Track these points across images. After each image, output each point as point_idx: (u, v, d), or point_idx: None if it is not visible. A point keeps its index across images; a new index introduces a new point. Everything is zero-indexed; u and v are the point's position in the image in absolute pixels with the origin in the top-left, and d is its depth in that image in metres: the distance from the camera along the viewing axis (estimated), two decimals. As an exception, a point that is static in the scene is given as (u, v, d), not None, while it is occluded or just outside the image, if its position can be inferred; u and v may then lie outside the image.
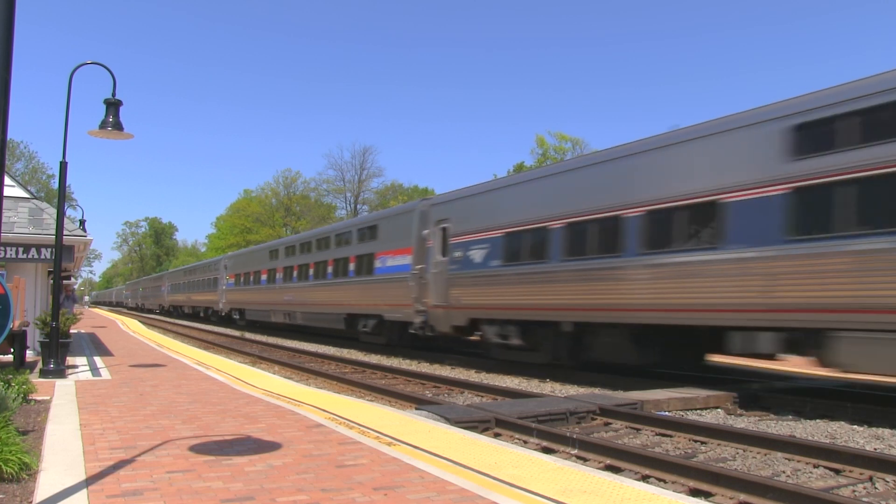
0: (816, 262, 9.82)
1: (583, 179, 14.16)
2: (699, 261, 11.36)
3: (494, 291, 16.11)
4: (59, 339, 11.99)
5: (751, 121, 11.18)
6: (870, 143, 9.41)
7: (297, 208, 76.07)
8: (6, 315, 6.17)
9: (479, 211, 17.08)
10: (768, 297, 10.34)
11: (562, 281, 14.00)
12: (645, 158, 12.81)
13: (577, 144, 43.86)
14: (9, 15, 3.82)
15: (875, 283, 9.15)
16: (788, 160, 10.32)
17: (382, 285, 21.07)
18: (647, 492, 4.88)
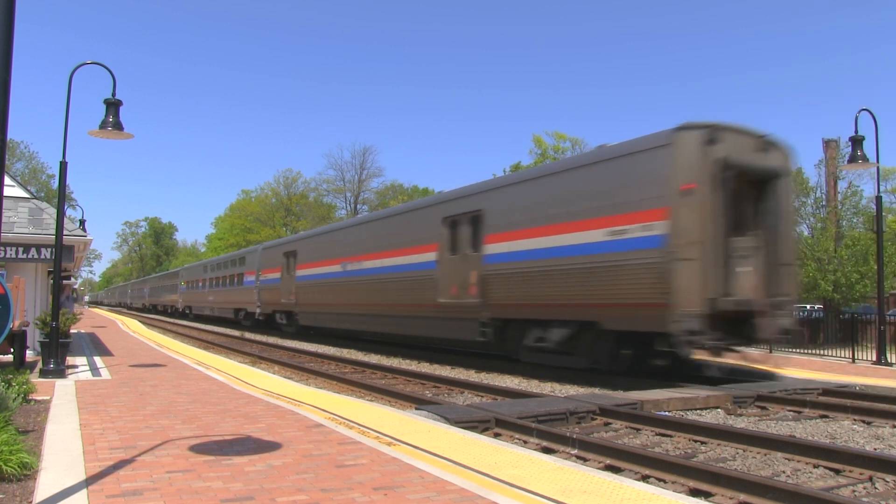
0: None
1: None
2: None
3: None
4: (59, 339, 12.00)
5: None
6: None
7: (296, 208, 76.06)
8: (6, 315, 6.17)
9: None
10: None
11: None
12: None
13: (577, 144, 43.75)
14: (9, 15, 3.82)
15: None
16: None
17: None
18: (647, 492, 4.88)
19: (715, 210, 12.26)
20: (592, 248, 13.67)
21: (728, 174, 12.37)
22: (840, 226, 30.15)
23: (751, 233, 13.17)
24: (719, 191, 12.31)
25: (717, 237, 12.29)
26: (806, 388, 11.91)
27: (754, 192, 13.24)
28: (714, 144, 12.42)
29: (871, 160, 16.40)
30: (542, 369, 15.80)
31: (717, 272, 12.28)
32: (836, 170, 29.33)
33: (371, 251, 22.29)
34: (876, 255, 19.24)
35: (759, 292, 12.86)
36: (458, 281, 17.65)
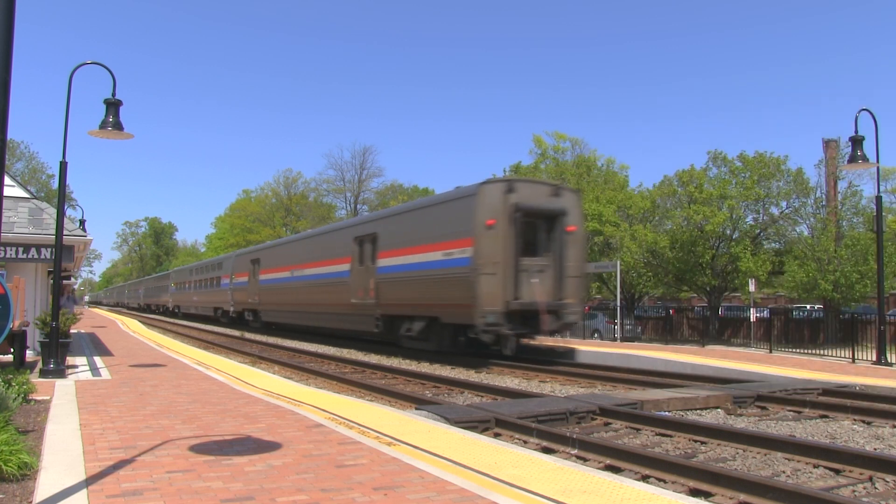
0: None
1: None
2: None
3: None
4: (59, 339, 12.00)
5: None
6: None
7: (296, 208, 76.06)
8: (6, 315, 6.17)
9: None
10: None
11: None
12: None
13: (577, 144, 43.76)
14: (9, 15, 3.82)
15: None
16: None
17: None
18: (647, 492, 4.88)
19: (509, 239, 17.20)
20: (435, 264, 18.64)
21: (519, 214, 17.34)
22: (840, 226, 30.16)
23: (543, 254, 18.15)
24: (513, 225, 17.26)
25: (511, 258, 17.21)
26: (806, 388, 11.92)
27: (546, 225, 18.21)
28: (511, 193, 17.49)
29: (871, 160, 16.41)
30: (542, 370, 16.54)
31: (510, 283, 17.21)
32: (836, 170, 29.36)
33: (309, 261, 27.51)
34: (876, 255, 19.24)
35: (545, 297, 17.60)
36: (363, 286, 22.60)
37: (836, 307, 27.49)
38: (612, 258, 31.63)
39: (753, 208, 32.05)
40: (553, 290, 18.01)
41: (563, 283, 18.12)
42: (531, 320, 17.57)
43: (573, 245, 18.52)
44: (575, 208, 18.95)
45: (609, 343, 24.77)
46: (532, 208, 17.75)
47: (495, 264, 17.20)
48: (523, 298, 17.49)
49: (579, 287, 18.94)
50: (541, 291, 17.72)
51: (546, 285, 17.97)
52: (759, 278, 29.89)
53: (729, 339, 29.03)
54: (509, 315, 17.21)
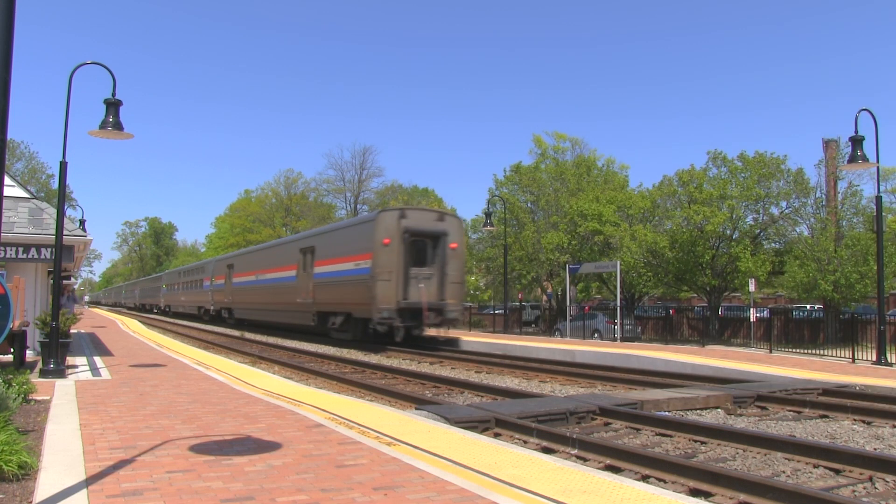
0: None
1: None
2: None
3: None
4: (59, 339, 12.00)
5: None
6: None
7: (297, 209, 76.05)
8: (6, 315, 6.17)
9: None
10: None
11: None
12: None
13: (577, 144, 43.74)
14: (9, 15, 3.81)
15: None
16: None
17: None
18: (647, 492, 4.88)
19: (401, 254, 22.60)
20: (349, 272, 24.06)
21: (408, 235, 22.79)
22: (840, 226, 30.15)
23: (429, 265, 23.39)
24: (404, 243, 22.69)
25: (402, 268, 22.57)
26: (806, 388, 11.92)
27: (432, 243, 23.55)
28: (403, 218, 22.95)
29: (871, 160, 16.40)
30: (542, 370, 16.70)
31: (400, 287, 22.52)
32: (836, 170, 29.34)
33: (268, 267, 33.17)
34: (876, 255, 19.24)
35: (429, 298, 22.88)
36: (304, 289, 27.97)
37: (836, 307, 27.47)
38: (612, 258, 31.63)
39: (753, 208, 32.04)
40: (436, 293, 23.38)
41: (445, 288, 23.49)
42: (417, 316, 22.79)
43: (454, 259, 23.87)
44: (457, 231, 24.44)
45: (609, 343, 24.80)
46: (420, 230, 23.31)
47: (390, 272, 22.49)
48: (411, 299, 22.74)
49: (459, 291, 24.35)
50: (426, 294, 23.06)
51: (430, 289, 23.31)
52: (759, 278, 29.88)
53: (729, 339, 29.02)
54: (400, 312, 22.49)
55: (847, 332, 20.77)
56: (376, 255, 22.49)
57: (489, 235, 40.62)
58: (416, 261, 23.29)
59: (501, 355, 20.91)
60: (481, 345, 24.09)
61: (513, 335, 29.98)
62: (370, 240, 22.93)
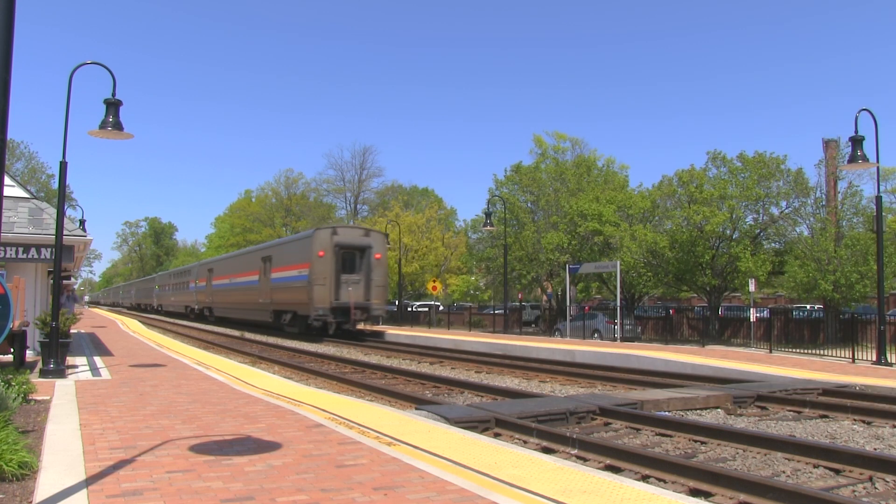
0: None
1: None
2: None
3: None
4: (58, 339, 11.99)
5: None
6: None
7: (297, 209, 76.04)
8: (6, 315, 6.16)
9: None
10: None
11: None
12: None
13: (577, 144, 43.68)
14: (9, 15, 3.81)
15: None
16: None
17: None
18: (647, 492, 4.88)
19: (333, 263, 28.39)
20: (294, 278, 29.99)
21: (339, 248, 28.68)
22: (840, 226, 30.13)
23: (357, 272, 29.17)
24: (336, 255, 28.52)
25: (334, 275, 28.26)
26: (806, 388, 11.92)
27: (359, 254, 29.48)
28: (335, 235, 28.74)
29: (871, 160, 16.40)
30: (542, 370, 16.65)
31: (333, 290, 28.16)
32: (836, 170, 29.32)
33: (239, 272, 38.91)
34: (876, 255, 19.24)
35: (356, 299, 28.60)
36: (265, 291, 34.01)
37: (836, 307, 27.46)
38: (612, 258, 31.63)
39: (753, 208, 32.01)
40: (363, 295, 29.24)
41: (370, 291, 29.45)
42: (347, 314, 28.49)
43: (378, 267, 29.99)
44: (380, 244, 30.65)
45: (609, 343, 24.81)
46: (348, 244, 29.46)
47: (324, 279, 28.27)
48: (342, 300, 28.59)
49: (382, 293, 30.47)
50: (353, 296, 28.80)
51: (358, 292, 29.14)
52: (759, 278, 29.85)
53: (729, 339, 29.01)
54: (333, 310, 28.32)
55: (847, 332, 20.76)
56: (313, 264, 28.49)
57: (489, 235, 40.61)
58: (346, 269, 29.33)
59: (501, 355, 20.97)
60: (481, 345, 24.14)
61: (513, 335, 30.02)
62: (308, 252, 28.83)
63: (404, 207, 59.74)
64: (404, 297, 50.60)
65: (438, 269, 52.91)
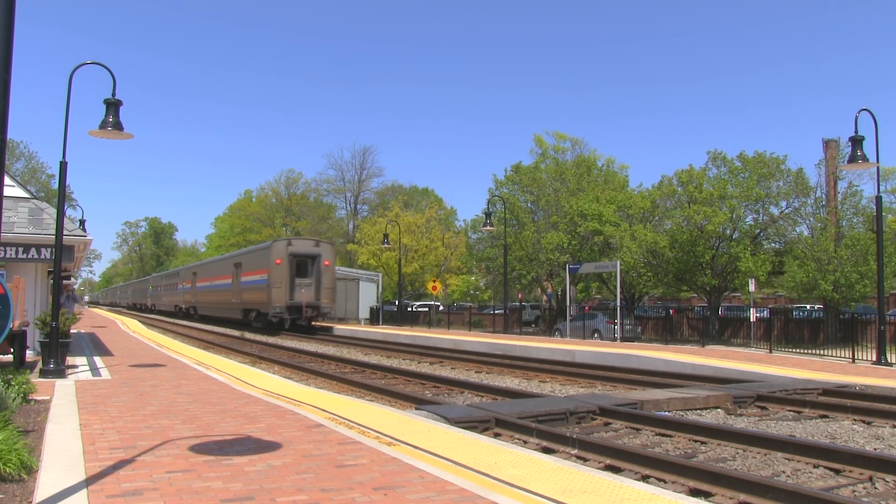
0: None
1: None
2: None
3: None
4: (58, 339, 11.99)
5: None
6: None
7: (297, 209, 76.05)
8: (6, 315, 6.17)
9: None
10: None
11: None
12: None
13: (577, 144, 43.65)
14: (9, 15, 3.81)
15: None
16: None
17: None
18: (647, 492, 4.88)
19: (288, 269, 33.85)
20: (256, 281, 35.33)
21: (293, 256, 34.13)
22: (840, 226, 30.12)
23: (309, 276, 34.37)
24: (290, 262, 33.97)
25: (288, 279, 33.65)
26: (806, 389, 11.92)
27: (311, 261, 34.69)
28: (290, 245, 34.64)
29: (871, 160, 16.39)
30: (542, 370, 16.69)
31: (288, 291, 33.57)
32: (836, 170, 29.31)
33: (217, 275, 44.37)
34: (876, 255, 19.24)
35: (308, 299, 33.93)
36: (236, 292, 39.36)
37: (836, 307, 27.45)
38: (612, 258, 31.62)
39: (753, 208, 32.00)
40: (313, 296, 34.77)
41: (320, 292, 34.92)
42: (300, 311, 34.15)
43: (327, 272, 35.46)
44: (329, 252, 36.16)
45: (609, 343, 24.82)
46: (301, 253, 34.95)
47: (280, 282, 33.87)
48: (295, 300, 34.07)
49: (330, 294, 35.73)
50: (305, 296, 34.39)
51: (309, 293, 34.65)
52: (759, 278, 29.83)
53: (729, 339, 29.00)
54: (288, 308, 33.93)
55: (847, 332, 20.76)
56: (271, 270, 34.25)
57: (489, 235, 40.60)
58: (300, 274, 34.79)
59: (501, 355, 20.97)
60: (481, 345, 24.15)
61: (513, 335, 30.03)
62: (268, 260, 34.72)
63: (404, 207, 59.74)
64: (404, 297, 50.58)
65: (438, 269, 52.93)
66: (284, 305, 33.68)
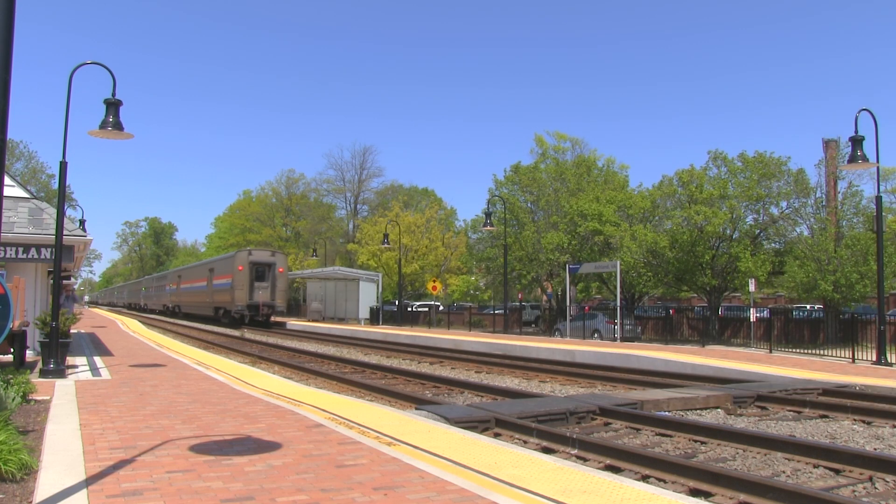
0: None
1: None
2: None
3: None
4: (58, 339, 11.99)
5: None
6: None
7: (297, 209, 76.03)
8: (6, 315, 6.16)
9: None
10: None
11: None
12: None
13: (577, 144, 43.63)
14: (9, 15, 3.81)
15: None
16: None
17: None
18: (647, 492, 4.88)
19: (249, 275, 41.79)
20: (223, 284, 43.20)
21: (252, 264, 42.23)
22: (840, 226, 30.11)
23: (266, 281, 42.44)
24: (250, 269, 41.96)
25: (249, 282, 41.65)
26: (806, 389, 11.92)
27: (268, 268, 42.73)
28: (250, 255, 42.86)
29: (871, 160, 16.39)
30: (542, 370, 16.76)
31: (248, 293, 41.48)
32: (836, 170, 29.30)
33: (195, 279, 51.57)
34: (876, 255, 19.23)
35: (265, 299, 42.00)
36: (209, 293, 46.08)
37: (836, 307, 27.44)
38: (612, 258, 31.61)
39: (753, 208, 31.99)
40: (269, 297, 41.99)
41: (275, 294, 42.23)
42: (258, 309, 41.12)
43: (281, 278, 42.89)
44: (282, 261, 44.13)
45: (609, 343, 24.82)
46: (260, 261, 42.33)
47: (242, 285, 40.95)
48: (254, 300, 41.25)
49: (284, 295, 43.54)
50: (262, 297, 41.63)
51: (266, 295, 41.86)
52: (759, 278, 29.81)
53: (729, 339, 28.99)
54: (248, 307, 40.88)
55: (847, 332, 20.76)
56: (234, 275, 41.52)
57: (489, 235, 40.59)
58: (258, 279, 42.21)
59: (501, 355, 21.00)
60: (481, 345, 24.17)
61: (513, 335, 30.03)
62: (232, 267, 42.13)
63: (404, 207, 59.72)
64: (404, 298, 50.58)
65: (438, 269, 52.91)
66: (245, 304, 41.15)
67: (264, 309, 41.54)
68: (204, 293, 48.09)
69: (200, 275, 50.30)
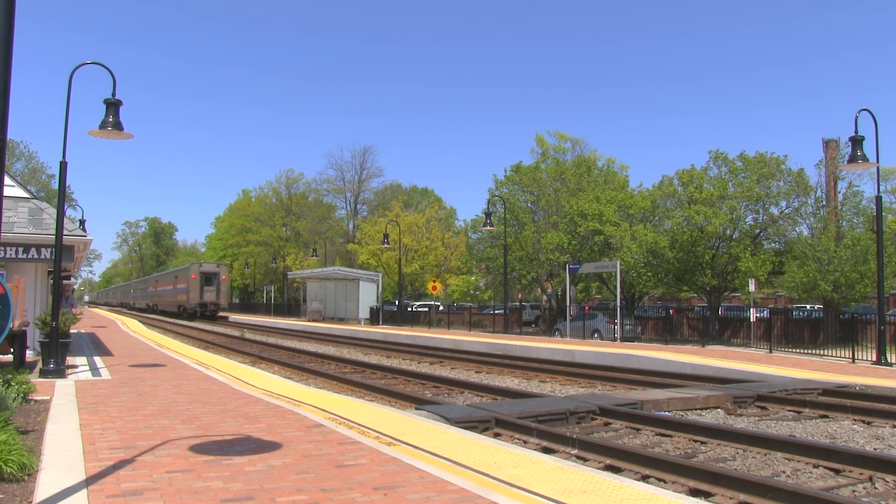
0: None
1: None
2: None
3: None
4: (58, 339, 11.99)
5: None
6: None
7: (296, 208, 76.02)
8: (6, 315, 6.16)
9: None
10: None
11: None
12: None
13: (577, 144, 43.62)
14: (9, 15, 3.81)
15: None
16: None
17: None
18: (647, 492, 4.88)
19: (200, 281, 57.39)
20: (183, 287, 58.74)
21: (202, 274, 57.97)
22: (840, 226, 30.11)
23: (213, 286, 58.02)
24: (201, 277, 57.57)
25: (200, 286, 57.28)
26: (806, 389, 11.92)
27: (214, 277, 58.30)
28: (200, 267, 60.16)
29: (871, 160, 16.39)
30: (542, 370, 16.71)
31: (199, 294, 57.04)
32: (836, 170, 29.30)
33: (167, 283, 65.47)
34: (876, 255, 19.23)
35: (211, 300, 57.51)
36: (174, 294, 61.62)
37: (836, 307, 27.44)
38: (612, 258, 31.61)
39: (753, 208, 31.98)
40: (214, 298, 56.70)
41: (219, 295, 57.34)
42: (206, 307, 55.81)
43: (223, 283, 58.24)
44: (225, 271, 60.58)
45: (609, 343, 24.82)
46: (208, 271, 57.71)
47: (195, 288, 56.25)
48: (204, 300, 56.14)
49: (226, 297, 59.98)
50: (210, 297, 56.46)
51: (212, 296, 56.62)
52: (759, 278, 29.79)
53: (729, 340, 28.99)
54: (199, 305, 55.69)
55: (847, 332, 20.76)
56: (189, 282, 55.90)
57: (489, 235, 40.58)
58: (206, 284, 56.10)
59: (501, 355, 21.02)
60: (481, 345, 24.18)
61: (513, 335, 30.04)
62: (188, 275, 56.55)
63: (404, 207, 59.74)
64: (404, 298, 50.57)
65: (438, 269, 52.92)
66: (197, 303, 55.69)
67: (211, 307, 56.06)
68: (171, 294, 62.28)
69: (169, 280, 65.39)
